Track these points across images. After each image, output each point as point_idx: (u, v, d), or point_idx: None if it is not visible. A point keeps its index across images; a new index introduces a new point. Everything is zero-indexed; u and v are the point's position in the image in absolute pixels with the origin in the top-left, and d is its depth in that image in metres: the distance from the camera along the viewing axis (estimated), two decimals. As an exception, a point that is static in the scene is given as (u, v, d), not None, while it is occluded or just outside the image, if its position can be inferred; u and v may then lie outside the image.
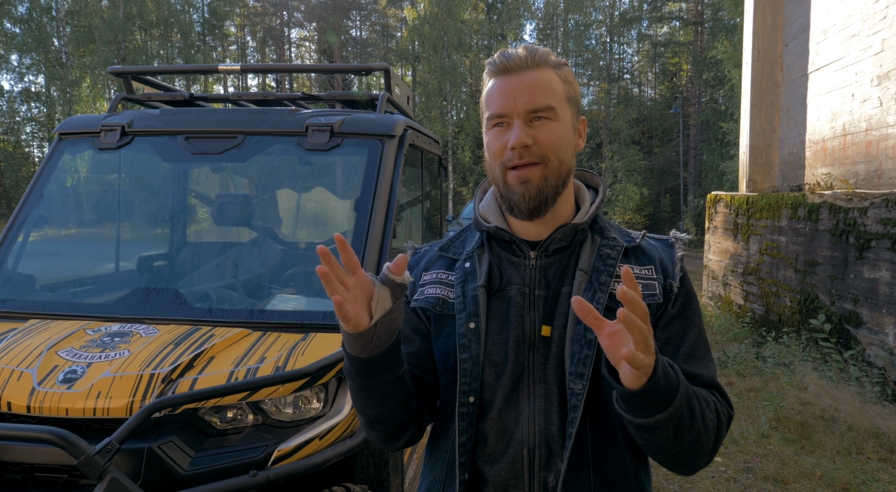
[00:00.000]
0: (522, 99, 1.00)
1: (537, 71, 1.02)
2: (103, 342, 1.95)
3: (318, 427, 1.91)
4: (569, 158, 1.05)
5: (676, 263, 1.09)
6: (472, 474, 1.03)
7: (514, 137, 0.99)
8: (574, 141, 1.07)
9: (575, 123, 1.08)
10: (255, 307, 2.27)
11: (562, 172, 1.04)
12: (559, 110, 1.03)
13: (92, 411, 1.74)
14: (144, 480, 1.68)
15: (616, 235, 1.10)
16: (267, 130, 2.54)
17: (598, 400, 0.99)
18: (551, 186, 1.02)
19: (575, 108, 1.07)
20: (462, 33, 28.24)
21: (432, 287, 1.10)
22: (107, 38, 25.01)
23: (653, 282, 1.05)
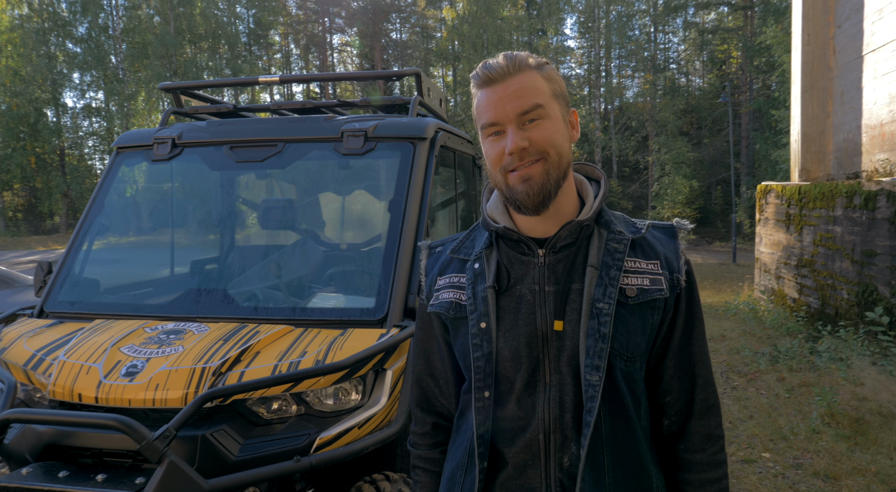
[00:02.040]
0: (511, 105, 1.05)
1: (519, 76, 1.06)
2: (160, 339, 2.12)
3: (357, 417, 2.02)
4: (566, 151, 1.09)
5: (681, 256, 1.13)
6: (492, 456, 1.09)
7: (511, 142, 1.04)
8: (568, 134, 1.11)
9: (566, 117, 1.11)
10: (297, 305, 2.40)
11: (562, 164, 1.08)
12: (548, 107, 1.07)
13: (151, 401, 1.89)
14: (199, 464, 1.82)
15: (622, 228, 1.13)
16: (305, 137, 2.67)
17: (612, 389, 1.05)
18: (553, 179, 1.07)
19: (563, 103, 1.11)
20: (502, 31, 28.18)
21: (446, 292, 1.16)
22: (159, 52, 26.14)
23: (659, 277, 1.10)
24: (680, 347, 1.12)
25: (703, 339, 1.15)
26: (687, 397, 1.14)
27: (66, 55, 27.37)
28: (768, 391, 5.06)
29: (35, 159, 27.41)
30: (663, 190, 25.80)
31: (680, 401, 1.14)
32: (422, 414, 1.25)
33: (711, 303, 9.67)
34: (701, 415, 1.14)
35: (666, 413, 1.15)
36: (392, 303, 2.27)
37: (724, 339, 7.15)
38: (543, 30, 31.27)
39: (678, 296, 1.11)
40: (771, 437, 4.12)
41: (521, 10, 31.27)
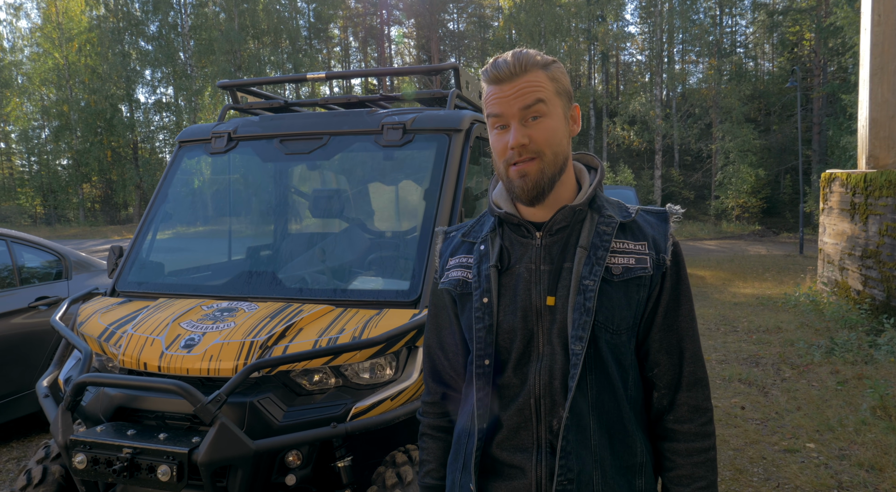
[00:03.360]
0: (516, 103, 1.15)
1: (525, 76, 1.16)
2: (215, 316, 2.34)
3: (390, 389, 2.18)
4: (563, 148, 1.19)
5: (668, 238, 1.22)
6: (491, 419, 1.21)
7: (512, 138, 1.15)
8: (567, 130, 1.21)
9: (567, 113, 1.21)
10: (338, 287, 2.59)
11: (557, 161, 1.18)
12: (549, 105, 1.16)
13: (206, 371, 2.11)
14: (247, 428, 2.03)
15: (613, 212, 1.23)
16: (348, 130, 2.84)
17: (597, 359, 1.15)
18: (547, 176, 1.17)
19: (566, 100, 1.21)
20: (560, 18, 27.77)
21: (455, 271, 1.29)
22: (224, 48, 27.18)
23: (645, 256, 1.19)
24: (665, 322, 1.21)
25: (691, 315, 1.23)
26: (674, 371, 1.22)
27: (138, 53, 28.90)
28: (820, 383, 4.95)
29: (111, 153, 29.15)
30: (727, 179, 24.93)
31: (668, 374, 1.22)
32: (433, 384, 1.37)
33: (770, 295, 9.38)
34: (689, 387, 1.22)
35: (655, 386, 1.23)
36: (425, 285, 2.41)
37: (780, 331, 6.97)
38: (603, 16, 30.60)
39: (664, 274, 1.20)
40: (817, 428, 4.06)
41: (578, -5, 30.70)
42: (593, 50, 33.57)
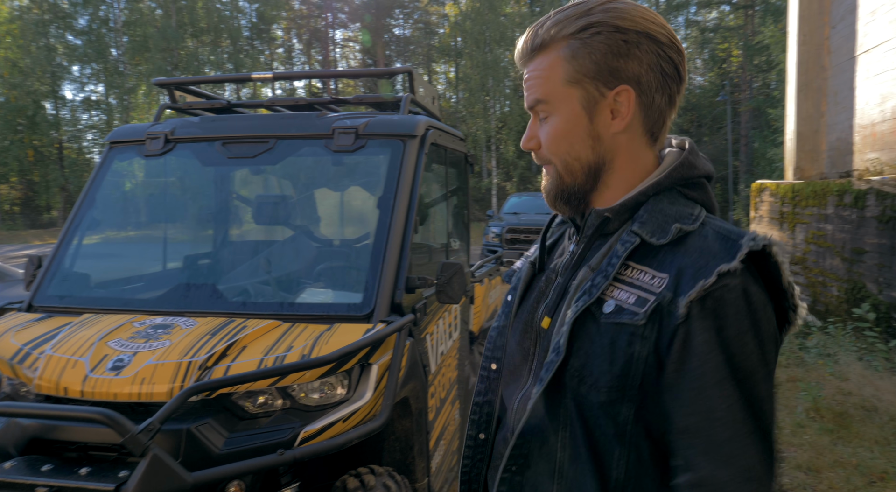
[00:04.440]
0: (526, 95, 0.94)
1: (538, 58, 0.91)
2: (148, 334, 2.14)
3: (341, 411, 2.05)
4: (581, 153, 0.90)
5: (712, 276, 0.77)
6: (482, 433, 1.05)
7: (523, 138, 0.96)
8: (597, 128, 0.89)
9: (594, 105, 0.88)
10: (285, 301, 2.43)
11: (573, 170, 0.92)
12: (553, 101, 0.90)
13: (137, 395, 1.92)
14: (183, 457, 1.85)
15: (641, 228, 0.86)
16: (296, 133, 2.69)
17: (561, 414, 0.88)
18: (564, 186, 0.93)
19: (595, 85, 0.87)
20: (504, 27, 28.13)
21: (519, 261, 1.12)
22: (160, 46, 26.11)
23: (648, 297, 0.82)
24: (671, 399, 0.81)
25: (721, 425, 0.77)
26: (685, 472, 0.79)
27: (65, 47, 27.31)
28: (758, 390, 5.10)
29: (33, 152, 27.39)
30: (662, 188, 25.79)
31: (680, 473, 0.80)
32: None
33: (706, 301, 9.70)
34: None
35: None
36: (379, 299, 2.30)
37: (718, 337, 7.19)
38: (544, 26, 31.18)
39: (675, 331, 0.79)
40: None
41: (523, 6, 31.23)
42: (536, 60, 34.12)
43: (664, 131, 0.94)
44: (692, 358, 0.78)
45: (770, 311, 0.81)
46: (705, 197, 0.92)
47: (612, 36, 0.86)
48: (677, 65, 0.89)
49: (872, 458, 3.61)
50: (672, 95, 0.91)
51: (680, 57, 0.89)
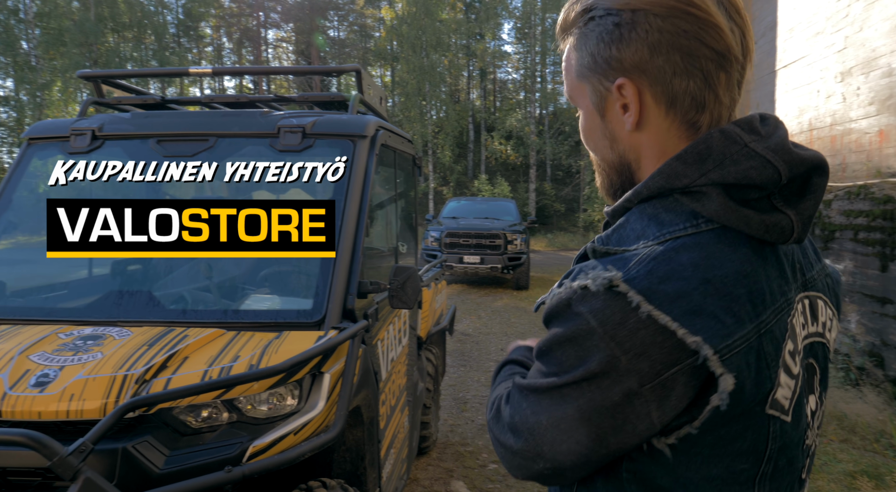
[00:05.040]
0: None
1: (563, 45, 0.84)
2: (76, 345, 1.96)
3: (292, 423, 1.94)
4: (604, 153, 0.84)
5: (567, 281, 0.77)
6: None
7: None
8: (607, 127, 0.81)
9: (599, 101, 0.80)
10: (229, 308, 2.29)
11: (603, 167, 0.86)
12: (575, 98, 0.84)
13: (65, 413, 1.75)
14: (119, 479, 1.70)
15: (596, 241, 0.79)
16: (239, 132, 2.56)
17: None
18: (606, 179, 0.87)
19: (595, 77, 0.79)
20: (440, 33, 28.27)
21: None
22: (78, 40, 24.64)
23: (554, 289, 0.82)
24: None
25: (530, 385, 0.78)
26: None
27: (-30, 39, 25.32)
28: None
29: (-67, 150, 25.23)
30: (594, 193, 26.58)
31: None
32: None
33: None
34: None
35: None
36: (330, 304, 2.21)
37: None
38: (482, 34, 31.60)
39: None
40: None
41: (459, 12, 31.51)
42: (472, 66, 34.54)
43: (713, 116, 0.77)
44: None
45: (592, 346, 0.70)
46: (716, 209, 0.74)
47: (602, 21, 0.75)
48: (700, 36, 0.72)
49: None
50: (708, 73, 0.74)
51: (702, 25, 0.72)
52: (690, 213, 0.73)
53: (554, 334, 0.73)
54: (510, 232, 11.53)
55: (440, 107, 30.04)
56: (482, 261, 11.35)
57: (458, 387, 5.72)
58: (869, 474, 3.31)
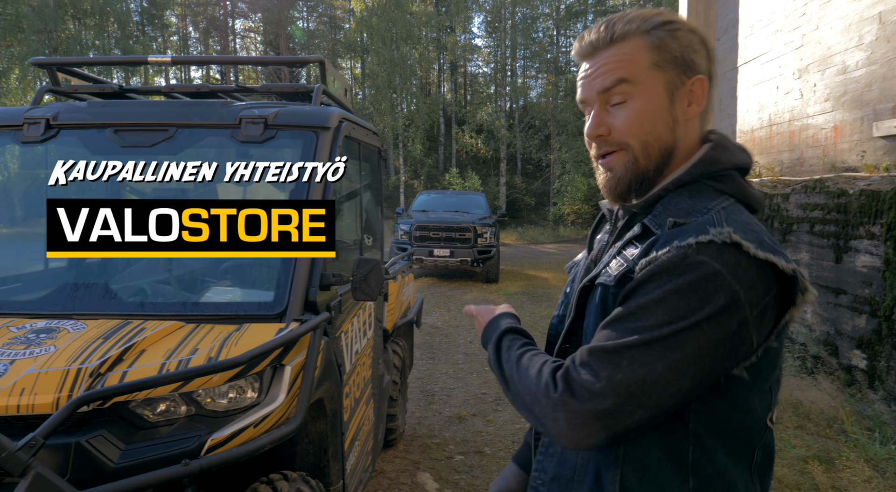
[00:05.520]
0: (595, 83, 0.99)
1: (614, 47, 0.98)
2: (28, 339, 1.92)
3: (252, 416, 1.93)
4: (661, 135, 0.98)
5: (665, 248, 0.89)
6: None
7: (588, 126, 1.01)
8: (673, 111, 0.98)
9: (674, 89, 0.98)
10: (188, 300, 2.27)
11: (651, 153, 0.98)
12: (638, 84, 0.97)
13: (15, 408, 1.71)
14: (72, 474, 1.67)
15: (657, 220, 0.96)
16: (199, 122, 2.52)
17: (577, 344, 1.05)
18: (637, 173, 0.99)
19: (675, 72, 0.98)
20: (411, 26, 28.12)
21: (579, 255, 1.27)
22: (36, 27, 23.82)
23: (623, 265, 0.97)
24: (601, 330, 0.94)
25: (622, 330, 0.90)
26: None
27: (-80, 24, 24.29)
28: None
29: None
30: (563, 187, 26.84)
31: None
32: None
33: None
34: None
35: None
36: (292, 296, 2.20)
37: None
38: (452, 27, 31.54)
39: (632, 283, 0.92)
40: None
41: (429, 5, 31.36)
42: (443, 59, 34.47)
43: (709, 124, 1.06)
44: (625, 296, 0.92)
45: (722, 286, 0.85)
46: (735, 187, 0.99)
47: (689, 34, 0.99)
48: (714, 72, 1.05)
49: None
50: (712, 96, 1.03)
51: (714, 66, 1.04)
52: (715, 191, 0.97)
53: (669, 287, 0.87)
54: (480, 225, 11.58)
55: (411, 100, 29.93)
56: (452, 254, 11.38)
57: (426, 380, 5.74)
58: (820, 459, 3.44)
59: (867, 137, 5.83)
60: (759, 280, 0.87)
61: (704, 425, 0.92)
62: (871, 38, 5.70)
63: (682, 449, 0.93)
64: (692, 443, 0.92)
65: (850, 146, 6.10)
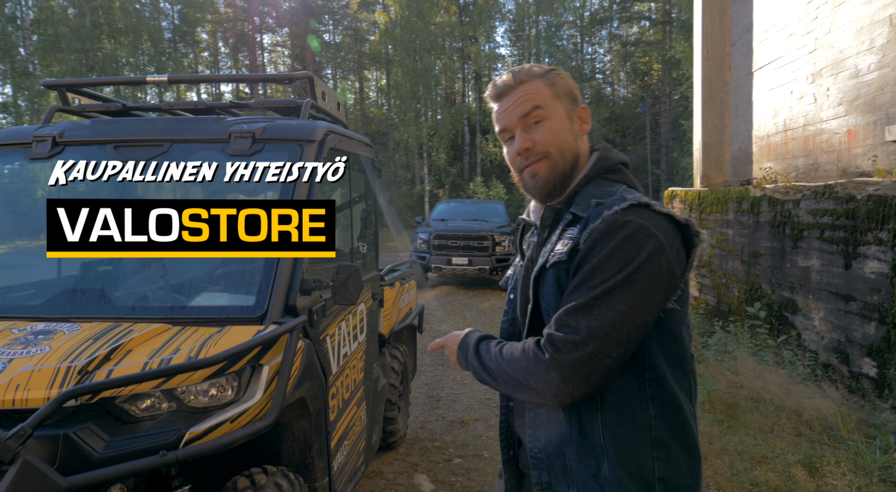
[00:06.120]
0: (515, 112, 1.28)
1: (522, 87, 1.29)
2: (27, 340, 2.08)
3: (229, 411, 2.06)
4: (570, 146, 1.29)
5: (601, 218, 1.18)
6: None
7: (517, 144, 1.29)
8: (573, 129, 1.30)
9: (571, 114, 1.30)
10: (175, 304, 2.42)
11: (566, 158, 1.28)
12: (548, 108, 1.27)
13: (11, 402, 1.87)
14: (60, 463, 1.82)
15: (577, 208, 1.25)
16: (192, 137, 2.68)
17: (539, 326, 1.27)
18: (558, 172, 1.28)
19: (568, 102, 1.30)
20: (434, 36, 28.43)
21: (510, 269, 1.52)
22: (74, 46, 24.83)
23: (569, 242, 1.22)
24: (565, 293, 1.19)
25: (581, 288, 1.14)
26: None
27: (-33, 46, 25.52)
28: (661, 384, 5.40)
29: (-69, 156, 25.32)
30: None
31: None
32: None
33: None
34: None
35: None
36: (272, 300, 2.32)
37: (630, 336, 7.53)
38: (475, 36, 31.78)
39: (577, 256, 1.18)
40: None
41: (453, 16, 31.66)
42: (467, 69, 34.71)
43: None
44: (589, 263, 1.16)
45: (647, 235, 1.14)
46: (624, 177, 1.30)
47: (567, 78, 1.33)
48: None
49: (756, 445, 3.90)
50: None
51: None
52: (612, 181, 1.29)
53: (611, 245, 1.13)
54: (498, 234, 11.64)
55: (435, 110, 30.18)
56: (470, 262, 11.46)
57: (433, 385, 5.83)
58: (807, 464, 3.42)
59: (880, 142, 5.75)
60: (669, 228, 1.16)
61: (657, 360, 1.19)
62: (883, 41, 5.64)
63: (642, 384, 1.18)
64: (648, 378, 1.19)
65: (863, 151, 6.02)
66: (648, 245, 1.12)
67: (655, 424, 1.18)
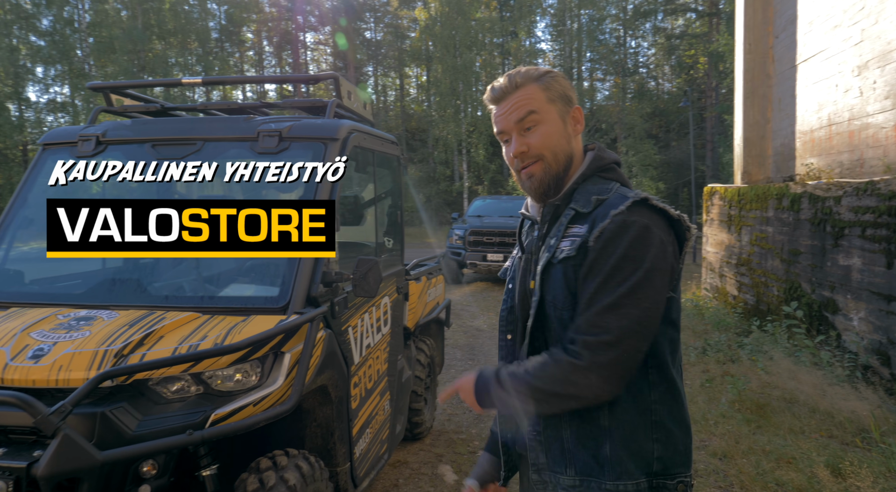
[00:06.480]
0: (511, 117, 1.34)
1: (518, 91, 1.34)
2: (70, 325, 2.25)
3: (252, 396, 2.18)
4: (563, 148, 1.35)
5: (608, 219, 1.23)
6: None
7: (513, 148, 1.36)
8: (568, 131, 1.36)
9: (565, 116, 1.36)
10: (206, 294, 2.56)
11: (559, 160, 1.35)
12: (542, 112, 1.33)
13: (55, 382, 2.03)
14: (97, 439, 1.97)
15: (577, 204, 1.31)
16: (223, 136, 2.82)
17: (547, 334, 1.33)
18: (551, 174, 1.35)
19: (563, 104, 1.35)
20: (474, 32, 28.40)
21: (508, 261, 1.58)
22: (126, 48, 25.81)
23: (576, 239, 1.27)
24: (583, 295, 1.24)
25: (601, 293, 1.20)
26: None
27: (29, 48, 26.85)
28: (690, 381, 5.34)
29: (-4, 154, 26.81)
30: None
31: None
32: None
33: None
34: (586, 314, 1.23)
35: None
36: (295, 292, 2.44)
37: (664, 334, 7.45)
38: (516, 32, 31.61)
39: (587, 254, 1.24)
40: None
41: (493, 11, 31.56)
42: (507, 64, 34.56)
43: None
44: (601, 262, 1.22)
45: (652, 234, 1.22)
46: (617, 176, 1.37)
47: (562, 81, 1.37)
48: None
49: (784, 445, 3.84)
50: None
51: None
52: (607, 179, 1.35)
53: (624, 245, 1.20)
54: (533, 230, 11.60)
55: (475, 106, 30.17)
56: (505, 258, 11.48)
57: (462, 379, 5.90)
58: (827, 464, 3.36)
59: (927, 136, 5.53)
60: (665, 223, 1.25)
61: (661, 347, 1.27)
62: (932, 32, 5.41)
63: (645, 371, 1.26)
64: (651, 365, 1.26)
65: (910, 145, 5.80)
66: (655, 242, 1.21)
67: (656, 408, 1.26)
